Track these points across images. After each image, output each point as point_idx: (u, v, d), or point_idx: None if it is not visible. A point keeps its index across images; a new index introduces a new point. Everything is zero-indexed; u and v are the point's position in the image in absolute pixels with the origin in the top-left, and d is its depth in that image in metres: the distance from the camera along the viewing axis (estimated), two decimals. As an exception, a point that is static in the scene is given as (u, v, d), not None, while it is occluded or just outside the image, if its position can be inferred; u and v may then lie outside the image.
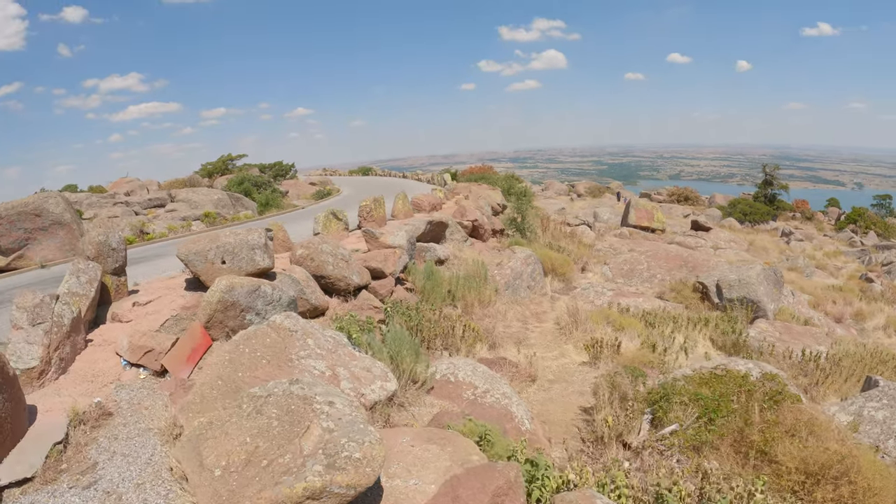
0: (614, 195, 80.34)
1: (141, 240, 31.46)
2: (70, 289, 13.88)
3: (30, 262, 24.51)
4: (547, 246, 33.20)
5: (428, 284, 21.25)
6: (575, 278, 30.41)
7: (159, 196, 43.05)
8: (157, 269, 21.24)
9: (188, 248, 16.15)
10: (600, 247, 39.28)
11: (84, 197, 41.11)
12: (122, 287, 16.09)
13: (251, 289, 14.15)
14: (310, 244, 17.94)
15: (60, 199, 25.90)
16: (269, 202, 44.53)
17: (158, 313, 15.17)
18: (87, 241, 15.42)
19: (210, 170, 61.06)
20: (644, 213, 50.39)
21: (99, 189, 52.39)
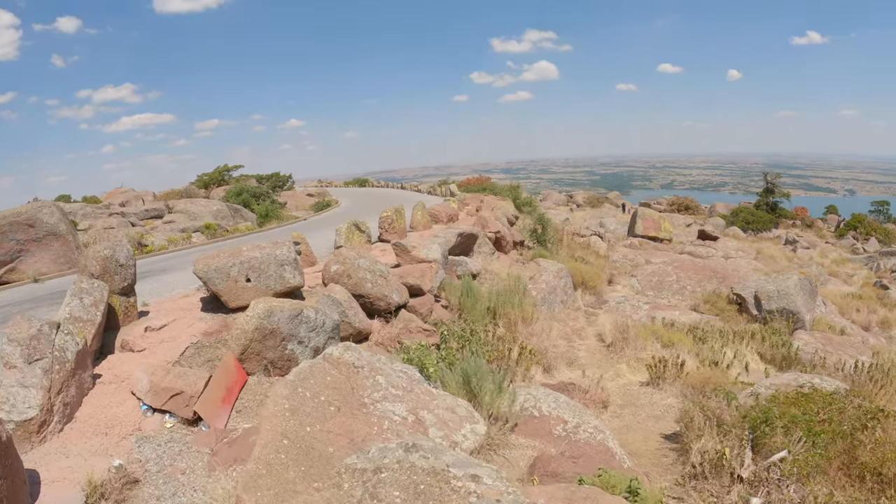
0: (613, 205, 78.27)
1: (140, 252, 28.97)
2: (72, 313, 11.37)
3: (22, 276, 22.77)
4: (571, 258, 30.75)
5: (466, 301, 18.89)
6: (604, 291, 28.13)
7: (156, 207, 40.81)
8: (164, 285, 18.74)
9: (207, 263, 13.74)
10: (616, 258, 37.20)
11: (78, 207, 39.09)
12: (131, 309, 13.48)
13: (293, 313, 11.71)
14: (345, 259, 15.40)
15: (55, 209, 24.09)
16: (268, 213, 42.09)
17: (175, 340, 12.66)
18: (92, 256, 12.83)
19: (206, 181, 58.56)
20: (651, 222, 48.34)
21: (93, 199, 50.27)
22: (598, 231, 45.79)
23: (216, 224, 35.58)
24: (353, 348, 10.08)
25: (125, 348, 12.28)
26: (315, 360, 9.67)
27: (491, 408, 11.18)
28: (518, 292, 21.23)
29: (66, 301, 11.60)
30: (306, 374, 9.14)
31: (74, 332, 10.32)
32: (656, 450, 12.63)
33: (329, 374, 9.27)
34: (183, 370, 10.74)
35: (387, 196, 58.20)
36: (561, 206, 75.13)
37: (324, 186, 77.96)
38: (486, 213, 31.01)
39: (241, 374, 11.29)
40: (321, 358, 9.74)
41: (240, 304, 13.67)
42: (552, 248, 32.17)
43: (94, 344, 11.48)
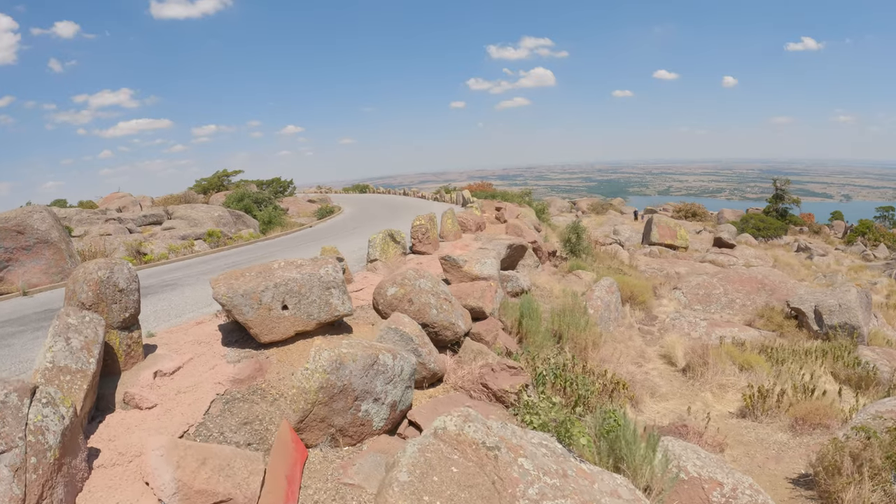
0: (617, 212, 75.13)
1: (139, 262, 25.68)
2: (56, 361, 7.98)
3: (11, 287, 20.12)
4: (608, 269, 27.46)
5: (529, 324, 15.70)
6: (653, 306, 24.75)
7: (155, 212, 37.54)
8: (171, 307, 15.30)
9: (231, 286, 10.40)
10: (641, 267, 33.96)
11: (74, 212, 36.05)
12: (135, 347, 9.98)
13: (367, 362, 8.57)
14: (405, 279, 11.99)
15: (47, 215, 21.44)
16: (271, 220, 38.87)
17: (196, 390, 9.31)
18: (83, 278, 9.34)
19: (205, 186, 55.29)
20: (667, 230, 45.32)
21: (89, 204, 47.02)
22: (617, 239, 42.58)
23: (220, 231, 32.21)
24: (475, 418, 6.75)
25: (130, 404, 8.89)
26: (426, 442, 6.31)
27: (640, 475, 8.31)
28: (580, 311, 17.90)
29: (48, 343, 8.16)
30: (423, 469, 5.85)
31: (58, 398, 6.88)
32: (790, 500, 10.53)
33: (453, 462, 6.05)
34: (223, 454, 7.21)
35: (391, 203, 54.98)
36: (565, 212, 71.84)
37: (324, 192, 74.50)
38: (518, 222, 27.73)
39: (299, 449, 8.09)
40: (431, 436, 6.41)
41: (274, 339, 10.49)
42: (586, 259, 28.79)
43: (87, 404, 8.12)
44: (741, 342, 19.88)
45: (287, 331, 10.40)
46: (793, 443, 12.48)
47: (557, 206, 78.81)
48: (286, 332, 10.40)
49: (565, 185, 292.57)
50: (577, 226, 30.23)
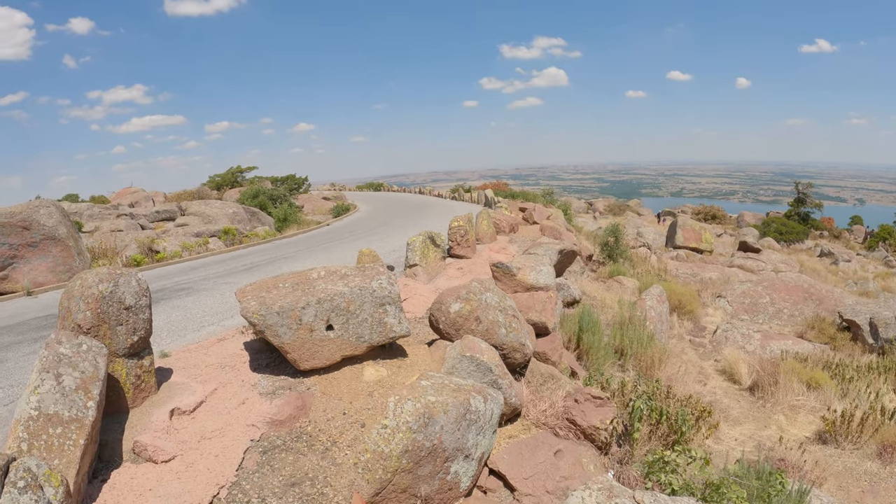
0: (635, 213, 72.78)
1: (151, 259, 23.66)
2: (43, 408, 6.05)
3: (15, 286, 18.91)
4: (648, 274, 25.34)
5: (591, 339, 13.65)
6: (700, 316, 22.61)
7: (168, 208, 35.74)
8: (188, 317, 13.21)
9: (263, 301, 8.26)
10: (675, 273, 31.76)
11: (85, 207, 34.41)
12: (146, 378, 7.78)
13: (460, 412, 6.63)
14: (470, 294, 9.76)
15: (54, 210, 19.82)
16: (287, 217, 36.81)
17: (223, 434, 7.22)
18: (80, 293, 7.19)
19: (219, 182, 53.45)
20: (692, 233, 43.11)
21: (101, 199, 45.29)
22: (644, 242, 40.40)
23: (235, 229, 30.19)
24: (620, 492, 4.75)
25: (141, 455, 6.80)
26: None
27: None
28: (640, 324, 15.82)
29: (32, 383, 6.07)
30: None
31: (41, 475, 4.94)
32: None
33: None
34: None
35: (407, 202, 52.87)
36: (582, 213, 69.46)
37: (338, 190, 72.38)
38: (548, 223, 25.58)
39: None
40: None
41: (316, 365, 8.39)
42: (624, 264, 26.65)
43: (84, 464, 6.03)
44: (804, 357, 18.01)
45: (332, 356, 8.30)
46: (884, 473, 11.11)
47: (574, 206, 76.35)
48: (331, 357, 8.30)
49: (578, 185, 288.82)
50: (615, 228, 28.02)
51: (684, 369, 16.00)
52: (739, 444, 12.46)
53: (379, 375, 8.41)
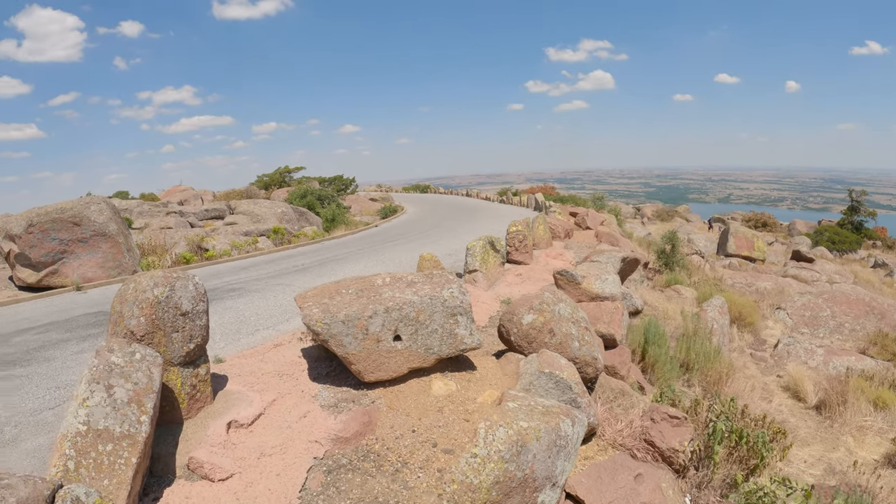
0: (683, 219, 71.41)
1: (200, 258, 23.39)
2: (92, 423, 5.50)
3: (65, 280, 18.97)
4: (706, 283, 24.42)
5: (656, 352, 12.94)
6: (761, 329, 21.70)
7: (217, 207, 35.60)
8: (240, 319, 12.70)
9: (326, 309, 7.71)
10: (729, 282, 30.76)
11: (135, 204, 34.38)
12: (201, 388, 7.22)
13: (551, 438, 6.05)
14: (543, 304, 9.10)
15: (105, 206, 19.67)
16: (335, 218, 36.33)
17: (284, 451, 6.64)
18: (133, 298, 6.59)
19: (267, 182, 53.27)
20: (744, 241, 41.95)
21: (151, 197, 45.40)
22: (697, 249, 39.38)
23: (284, 228, 29.79)
24: None
25: (197, 472, 6.24)
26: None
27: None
28: (706, 337, 15.06)
29: (81, 394, 5.51)
30: None
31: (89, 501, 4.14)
32: None
33: None
34: None
35: (455, 204, 52.23)
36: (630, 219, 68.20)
37: (385, 191, 71.93)
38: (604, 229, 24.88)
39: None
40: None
41: (381, 377, 7.78)
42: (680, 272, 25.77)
43: (136, 484, 5.49)
44: (869, 375, 17.09)
45: (399, 368, 7.69)
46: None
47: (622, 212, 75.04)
48: (398, 369, 7.69)
49: (624, 189, 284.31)
50: (672, 236, 27.12)
51: (749, 385, 15.25)
52: (809, 466, 11.92)
53: (448, 390, 7.77)
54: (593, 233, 25.05)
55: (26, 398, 8.96)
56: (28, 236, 18.58)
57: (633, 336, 13.15)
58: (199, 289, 7.00)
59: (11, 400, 8.96)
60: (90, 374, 5.59)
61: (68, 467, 5.05)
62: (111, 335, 6.58)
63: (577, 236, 24.79)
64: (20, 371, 10.41)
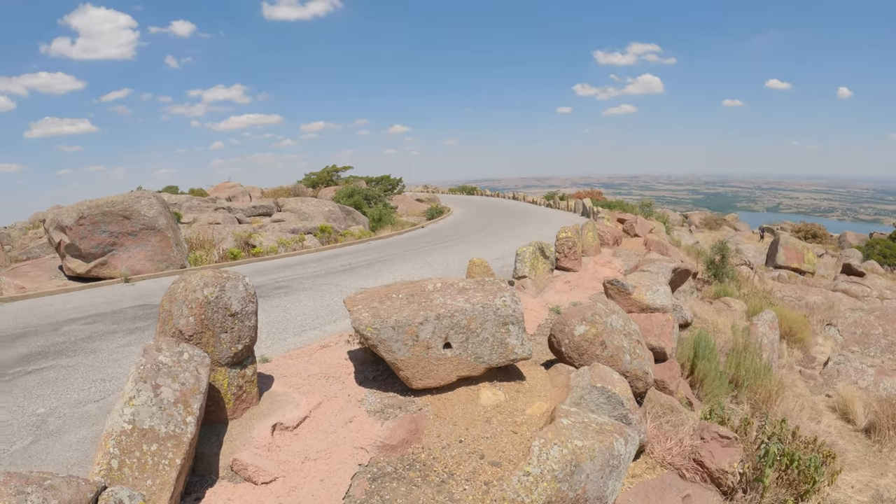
0: (731, 228, 70.20)
1: (247, 254, 23.47)
2: (137, 422, 5.37)
3: (114, 272, 19.58)
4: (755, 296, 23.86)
5: (706, 367, 12.58)
6: (811, 345, 21.16)
7: (264, 204, 35.68)
8: (286, 318, 12.62)
9: (376, 313, 7.58)
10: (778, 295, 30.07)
11: (184, 199, 34.61)
12: (248, 388, 7.11)
13: (605, 458, 5.81)
14: (595, 316, 8.84)
15: (155, 201, 20.01)
16: (381, 218, 36.39)
17: (329, 456, 6.50)
18: (183, 297, 6.51)
19: (314, 180, 53.40)
20: (793, 252, 41.03)
21: (200, 192, 45.72)
22: (745, 260, 38.67)
23: (331, 227, 29.81)
24: None
25: (240, 474, 6.13)
26: None
27: None
28: (756, 353, 14.67)
29: (127, 392, 5.41)
30: None
31: None
32: None
33: None
34: None
35: (502, 207, 51.97)
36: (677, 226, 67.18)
37: (431, 192, 71.81)
38: (653, 237, 24.48)
39: None
40: None
41: (429, 384, 7.60)
42: (730, 284, 25.21)
43: (179, 485, 5.40)
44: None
45: (448, 376, 7.52)
46: None
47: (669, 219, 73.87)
48: (446, 377, 7.52)
49: (671, 196, 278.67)
50: (722, 246, 26.47)
51: (798, 405, 14.84)
52: (856, 492, 11.41)
53: (496, 400, 7.59)
54: (642, 240, 24.65)
55: (71, 389, 8.97)
56: (79, 228, 18.84)
57: (683, 350, 12.80)
58: (249, 290, 6.90)
59: (57, 390, 8.98)
60: (137, 373, 5.51)
61: (112, 466, 4.97)
62: (159, 333, 6.51)
63: (625, 244, 24.43)
64: (66, 361, 10.45)
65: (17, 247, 25.85)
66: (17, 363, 10.55)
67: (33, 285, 19.05)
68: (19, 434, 7.41)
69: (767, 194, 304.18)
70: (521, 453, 6.57)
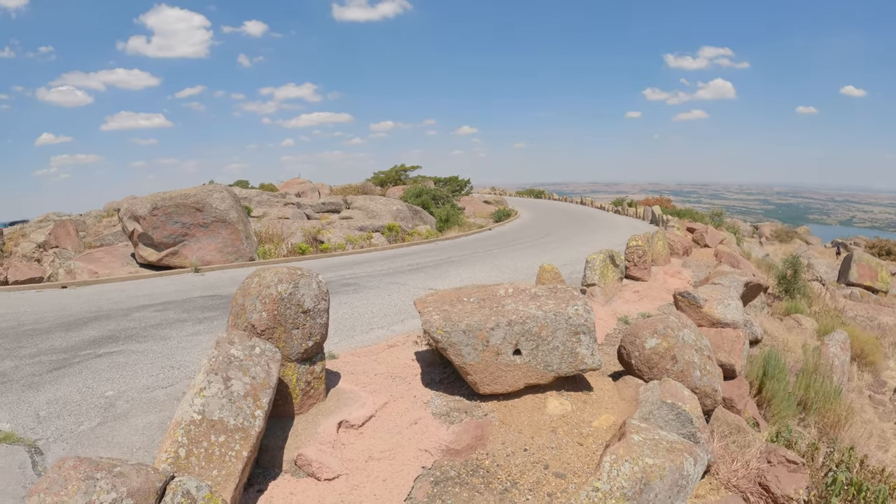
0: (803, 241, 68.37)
1: (315, 249, 23.65)
2: (207, 413, 5.38)
3: (184, 261, 20.24)
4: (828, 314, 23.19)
5: (774, 387, 12.12)
6: (882, 369, 20.51)
7: (333, 200, 35.94)
8: (354, 314, 12.64)
9: (447, 316, 7.51)
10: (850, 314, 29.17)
11: (254, 194, 35.06)
12: (315, 385, 7.13)
13: (674, 477, 5.59)
14: (668, 329, 8.64)
15: (227, 195, 20.44)
16: (448, 218, 36.30)
17: (393, 457, 6.43)
18: (257, 292, 6.54)
19: (383, 179, 53.76)
20: (867, 269, 39.65)
21: (269, 187, 46.34)
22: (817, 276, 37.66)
23: (398, 226, 29.90)
24: None
25: (303, 469, 6.11)
26: None
27: None
28: (826, 375, 14.24)
29: (198, 384, 5.43)
30: None
31: (201, 497, 4.29)
32: None
33: None
34: None
35: (569, 211, 51.60)
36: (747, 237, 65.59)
37: (498, 194, 71.54)
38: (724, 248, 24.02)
39: None
40: None
41: (496, 390, 7.50)
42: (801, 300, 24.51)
43: (243, 477, 5.38)
44: None
45: (516, 383, 7.42)
46: None
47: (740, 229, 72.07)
48: (514, 384, 7.42)
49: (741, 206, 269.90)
50: (795, 260, 25.70)
51: (866, 431, 14.37)
52: None
53: (563, 409, 7.47)
54: (712, 251, 24.17)
55: (140, 374, 9.12)
56: (152, 218, 19.31)
57: (751, 367, 12.44)
58: (322, 287, 6.91)
59: (125, 374, 9.14)
60: (209, 365, 5.54)
61: (179, 454, 5.00)
62: (231, 327, 6.55)
63: (695, 254, 23.98)
64: (136, 347, 10.62)
65: (91, 233, 26.47)
66: (88, 346, 10.77)
67: (105, 271, 19.52)
68: (87, 415, 7.55)
69: (840, 207, 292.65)
70: (586, 466, 6.45)
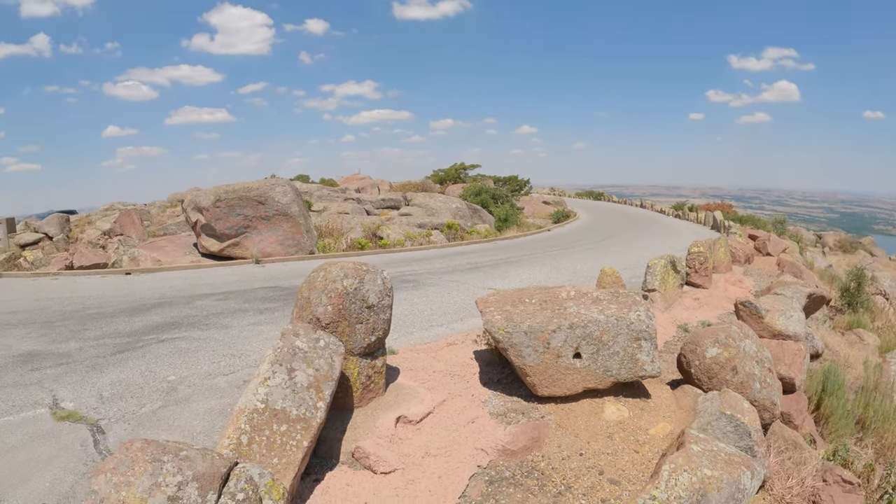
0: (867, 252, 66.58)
1: (374, 245, 23.81)
2: (270, 403, 5.47)
3: (245, 253, 20.69)
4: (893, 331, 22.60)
5: (833, 404, 11.86)
6: (947, 387, 19.98)
7: (392, 197, 36.09)
8: (413, 311, 12.72)
9: (509, 317, 7.53)
10: (917, 329, 28.39)
11: (315, 188, 35.50)
12: (376, 379, 7.22)
13: (730, 490, 5.53)
14: (729, 339, 8.52)
15: (289, 189, 20.84)
16: (507, 218, 36.33)
17: (449, 454, 6.49)
18: (322, 286, 6.66)
19: (442, 176, 53.85)
20: (932, 285, 38.57)
21: (330, 182, 46.80)
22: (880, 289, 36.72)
23: (458, 224, 29.93)
24: None
25: (361, 461, 6.19)
26: None
27: None
28: (888, 394, 13.93)
29: (262, 373, 5.54)
30: None
31: (263, 487, 4.29)
32: None
33: None
34: None
35: (629, 214, 51.06)
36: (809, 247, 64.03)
37: (558, 195, 71.10)
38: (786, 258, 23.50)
39: None
40: None
41: (555, 393, 7.48)
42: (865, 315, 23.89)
43: (302, 466, 5.47)
44: None
45: (574, 386, 7.40)
46: None
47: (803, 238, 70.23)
48: (573, 387, 7.41)
49: (804, 213, 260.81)
50: (859, 272, 25.00)
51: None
52: None
53: (620, 416, 7.43)
54: (774, 260, 23.71)
55: (202, 361, 9.31)
56: (215, 210, 19.70)
57: (811, 382, 12.21)
58: (387, 283, 6.99)
59: (187, 360, 9.35)
60: (274, 355, 5.64)
61: (241, 441, 5.10)
62: (296, 319, 6.65)
63: (756, 262, 23.56)
64: (198, 334, 10.84)
65: (154, 223, 27.00)
66: (151, 331, 11.03)
67: (168, 259, 19.96)
68: (149, 398, 7.76)
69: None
70: (641, 474, 6.42)
